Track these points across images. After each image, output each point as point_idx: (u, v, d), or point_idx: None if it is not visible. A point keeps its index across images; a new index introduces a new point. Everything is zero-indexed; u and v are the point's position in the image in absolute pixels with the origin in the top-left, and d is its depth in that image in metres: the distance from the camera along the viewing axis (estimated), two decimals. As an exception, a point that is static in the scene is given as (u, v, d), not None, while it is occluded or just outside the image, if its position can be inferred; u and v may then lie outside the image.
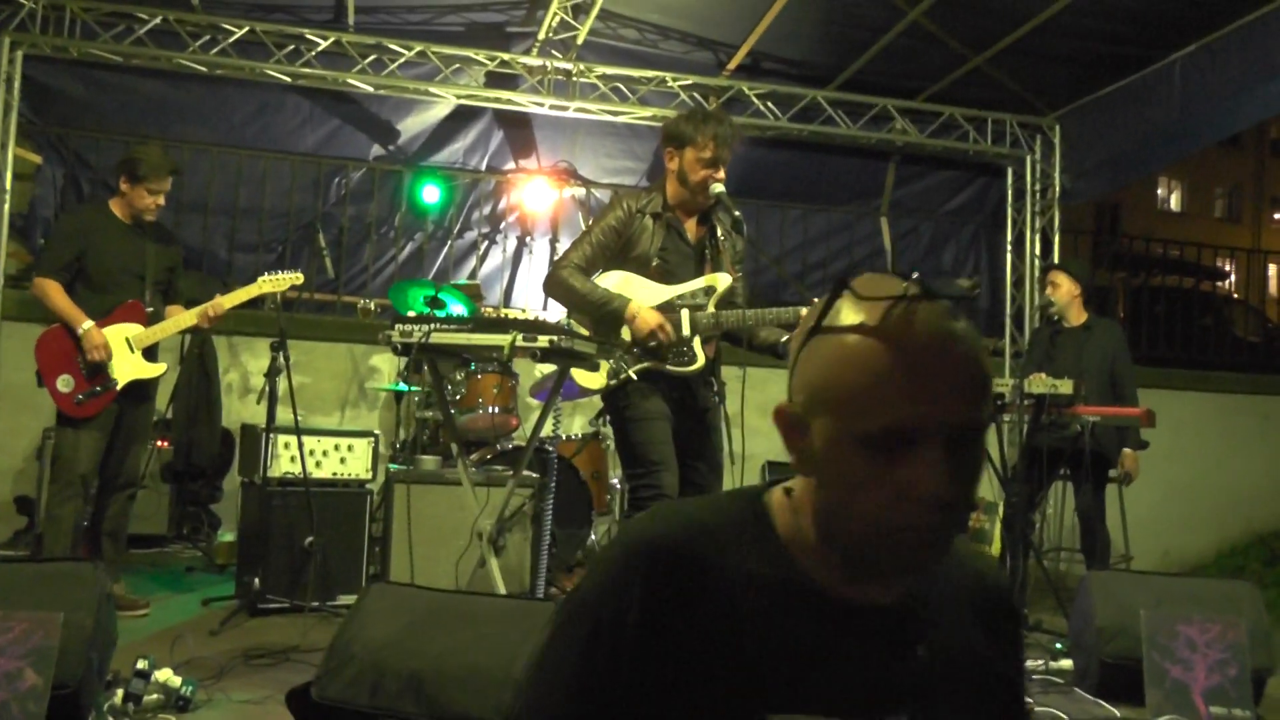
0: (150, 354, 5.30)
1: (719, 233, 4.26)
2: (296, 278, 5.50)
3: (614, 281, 4.17)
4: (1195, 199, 34.16)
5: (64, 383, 5.07)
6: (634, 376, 4.06)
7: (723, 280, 4.16)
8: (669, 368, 4.10)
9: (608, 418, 5.13)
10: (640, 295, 4.12)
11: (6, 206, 7.51)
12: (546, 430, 4.45)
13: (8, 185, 7.59)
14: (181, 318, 5.31)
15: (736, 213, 4.12)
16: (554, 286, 4.18)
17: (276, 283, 5.43)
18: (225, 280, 8.15)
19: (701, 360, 4.12)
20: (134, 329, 5.22)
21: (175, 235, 5.89)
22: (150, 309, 5.31)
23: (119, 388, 5.15)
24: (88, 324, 5.08)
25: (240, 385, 8.16)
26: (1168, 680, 3.99)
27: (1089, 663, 4.39)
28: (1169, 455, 7.84)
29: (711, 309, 4.13)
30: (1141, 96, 8.47)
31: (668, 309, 4.12)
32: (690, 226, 4.27)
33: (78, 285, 5.22)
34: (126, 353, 5.18)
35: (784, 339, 4.19)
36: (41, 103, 8.52)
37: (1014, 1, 7.69)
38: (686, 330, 4.09)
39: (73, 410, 5.07)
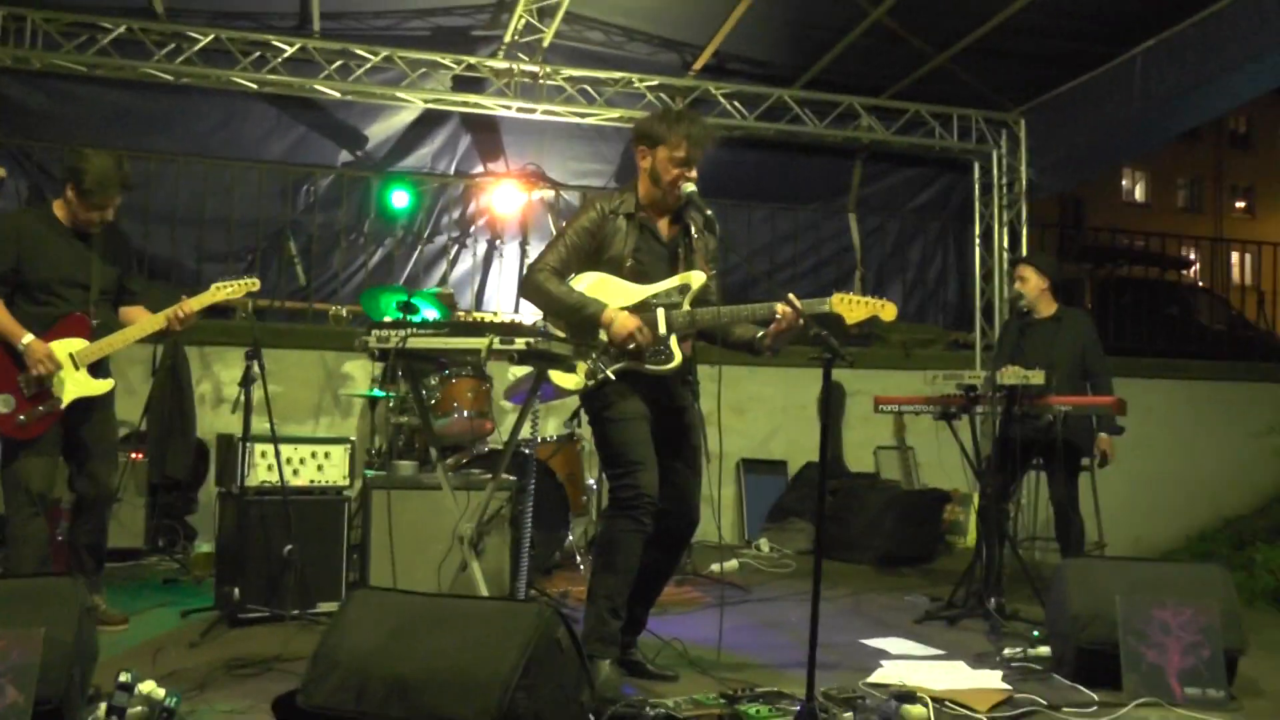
0: (97, 369, 4.97)
1: (692, 231, 4.27)
2: (252, 284, 5.12)
3: (589, 283, 4.18)
4: (1158, 190, 34.52)
5: (4, 403, 4.75)
6: (611, 376, 4.07)
7: (697, 278, 4.17)
8: (646, 367, 4.11)
9: (584, 419, 5.15)
10: (615, 296, 4.13)
11: (-29, 221, 7.43)
12: (524, 432, 4.45)
13: (-29, 199, 7.52)
14: (144, 323, 5.00)
15: (709, 212, 4.15)
16: (530, 291, 4.18)
17: (233, 289, 5.08)
18: (194, 291, 8.08)
19: (678, 358, 4.13)
20: (77, 344, 4.87)
21: (125, 236, 5.44)
22: (96, 321, 4.96)
23: (63, 407, 4.85)
24: (28, 338, 4.74)
25: (213, 395, 8.12)
26: (1143, 664, 4.05)
27: (1065, 649, 4.43)
28: (1138, 443, 7.93)
29: (686, 307, 4.15)
30: (1104, 91, 8.58)
31: (643, 308, 4.13)
32: (663, 226, 4.28)
33: (17, 298, 4.86)
34: (70, 370, 4.85)
35: (759, 334, 4.21)
36: (4, 115, 8.47)
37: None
38: (662, 329, 4.10)
39: (15, 432, 4.79)
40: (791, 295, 4.00)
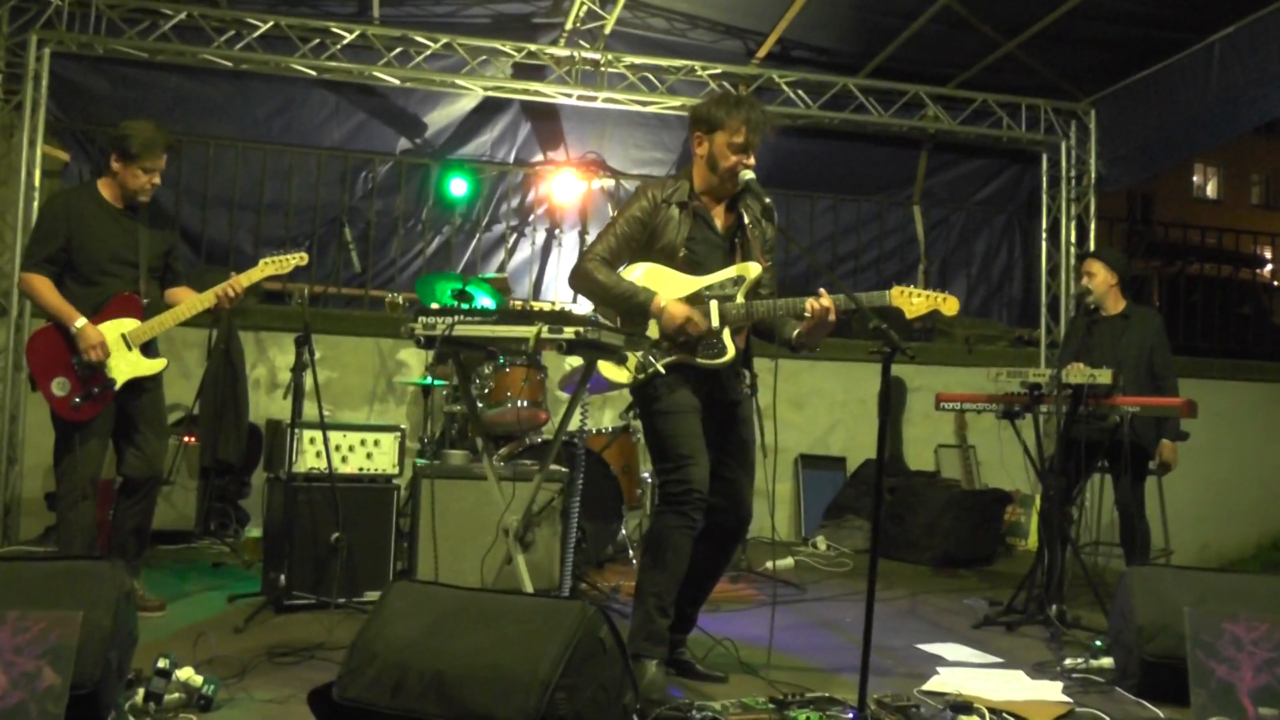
0: (148, 349, 4.98)
1: (746, 220, 4.15)
2: (300, 258, 5.11)
3: (641, 273, 4.08)
4: (1231, 186, 33.72)
5: (59, 386, 4.76)
6: (662, 370, 3.97)
7: (753, 269, 4.05)
8: (698, 360, 4.01)
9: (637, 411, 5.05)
10: (668, 287, 4.03)
11: (36, 203, 7.48)
12: (574, 424, 4.36)
13: (37, 182, 7.56)
14: (193, 301, 4.99)
15: (767, 199, 4.01)
16: (580, 280, 4.09)
17: (280, 263, 5.07)
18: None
19: (731, 352, 4.02)
20: (129, 324, 4.89)
21: (170, 212, 5.38)
22: (146, 300, 4.99)
23: (117, 388, 4.86)
24: (81, 321, 4.76)
25: (267, 380, 8.14)
26: (1213, 680, 3.87)
27: (1130, 661, 4.27)
28: (1207, 447, 7.69)
29: (741, 299, 4.03)
30: (1179, 80, 8.31)
31: (696, 300, 4.02)
32: (718, 214, 4.16)
33: (66, 278, 4.88)
34: (123, 350, 4.86)
35: (796, 331, 4.09)
36: (68, 100, 8.55)
37: (1046, -15, 7.55)
38: (715, 322, 3.99)
39: (70, 414, 4.78)
40: (823, 290, 3.89)
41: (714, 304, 4.00)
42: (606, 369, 4.07)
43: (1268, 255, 19.82)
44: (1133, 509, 6.04)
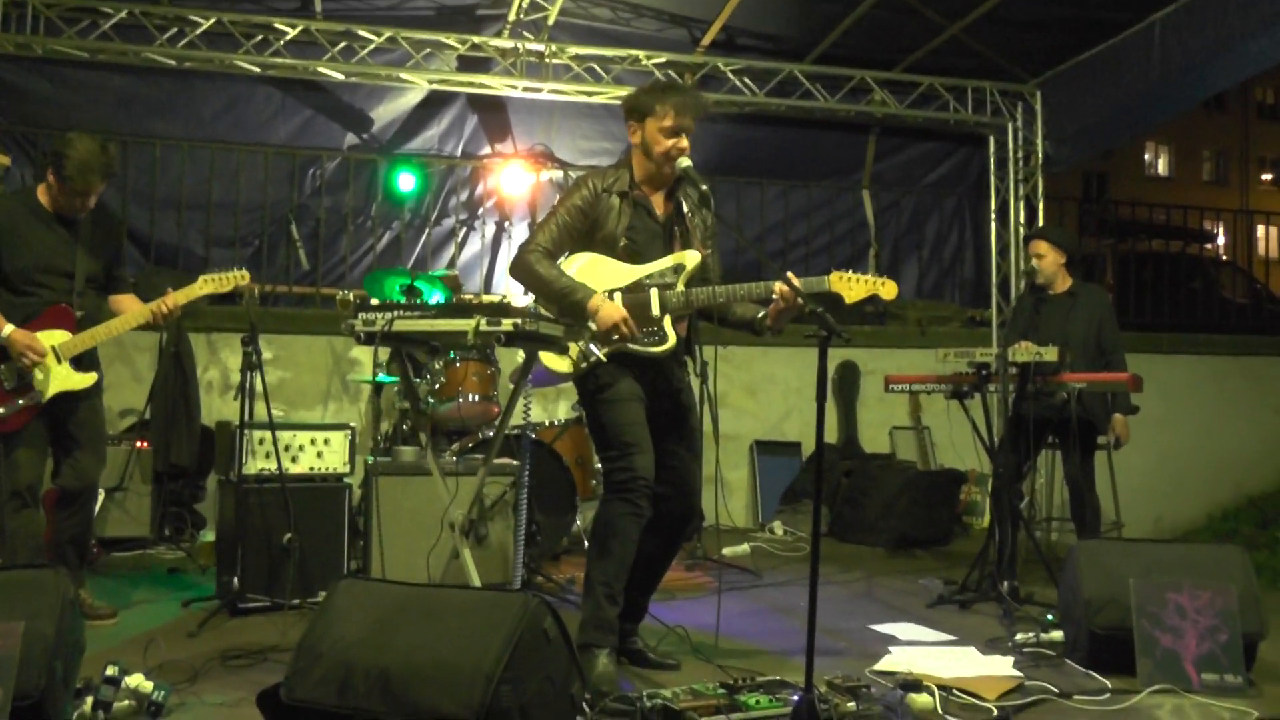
0: (81, 361, 4.80)
1: (685, 208, 4.16)
2: (241, 276, 4.91)
3: (582, 263, 4.07)
4: (1182, 163, 34.13)
5: None
6: (603, 358, 3.97)
7: (691, 258, 4.06)
8: (639, 349, 4.01)
9: (582, 402, 5.05)
10: (608, 277, 4.03)
11: (-26, 209, 7.38)
12: (516, 417, 4.36)
13: (-25, 187, 7.46)
14: (127, 317, 4.83)
15: (704, 186, 4.02)
16: (520, 271, 4.08)
17: (220, 282, 4.87)
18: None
19: (672, 340, 4.03)
20: (60, 336, 4.69)
21: (116, 221, 5.21)
22: (80, 313, 4.79)
23: (44, 401, 4.69)
24: (9, 328, 4.57)
25: (220, 382, 8.07)
26: (1158, 649, 3.94)
27: (1078, 634, 4.32)
28: (1159, 420, 7.78)
29: (681, 287, 4.04)
30: (1122, 59, 8.39)
31: (636, 289, 4.02)
32: (658, 203, 4.17)
33: None
34: (53, 363, 4.68)
35: (760, 314, 4.11)
36: (7, 102, 8.44)
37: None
38: (656, 310, 4.00)
39: None
40: (790, 274, 3.90)
41: (654, 292, 4.00)
42: (548, 359, 4.06)
43: (1218, 230, 20.05)
44: (1082, 484, 6.11)
